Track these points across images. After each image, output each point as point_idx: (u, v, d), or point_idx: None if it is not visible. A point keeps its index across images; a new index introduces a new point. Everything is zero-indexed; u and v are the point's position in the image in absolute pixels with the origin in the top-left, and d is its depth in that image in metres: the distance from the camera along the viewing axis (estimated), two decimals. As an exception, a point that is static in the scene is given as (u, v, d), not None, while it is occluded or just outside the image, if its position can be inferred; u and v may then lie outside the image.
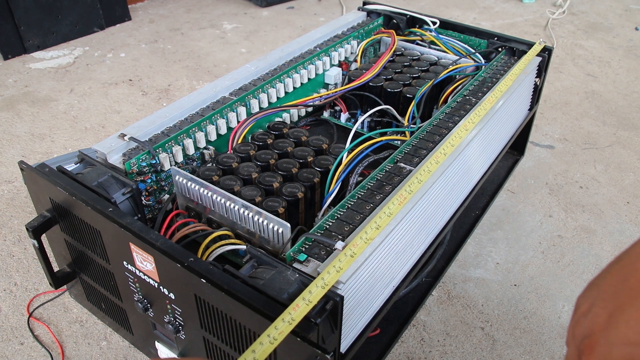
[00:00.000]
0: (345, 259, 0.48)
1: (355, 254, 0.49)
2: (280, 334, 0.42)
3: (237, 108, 0.79)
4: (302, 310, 0.43)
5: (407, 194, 0.58)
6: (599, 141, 1.21)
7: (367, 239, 0.51)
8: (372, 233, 0.52)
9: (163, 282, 0.56)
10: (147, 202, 0.70)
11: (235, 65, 1.48)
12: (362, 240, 0.51)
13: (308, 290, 0.45)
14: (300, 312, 0.43)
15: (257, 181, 0.67)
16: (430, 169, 0.62)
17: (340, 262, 0.48)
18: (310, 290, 0.45)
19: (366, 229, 0.52)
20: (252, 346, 0.41)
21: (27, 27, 1.47)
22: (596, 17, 1.88)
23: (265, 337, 0.42)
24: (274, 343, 0.41)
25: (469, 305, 0.81)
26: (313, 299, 0.44)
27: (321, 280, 0.46)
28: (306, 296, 0.44)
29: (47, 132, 1.18)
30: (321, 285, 0.45)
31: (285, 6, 1.92)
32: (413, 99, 0.85)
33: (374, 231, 0.52)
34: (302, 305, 0.44)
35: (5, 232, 0.91)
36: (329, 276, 0.46)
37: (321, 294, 0.45)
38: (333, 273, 0.47)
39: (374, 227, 0.53)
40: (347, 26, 1.04)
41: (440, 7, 1.95)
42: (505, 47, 0.97)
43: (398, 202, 0.56)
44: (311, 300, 0.44)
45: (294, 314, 0.43)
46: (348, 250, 0.49)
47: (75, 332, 0.76)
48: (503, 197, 1.02)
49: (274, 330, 0.42)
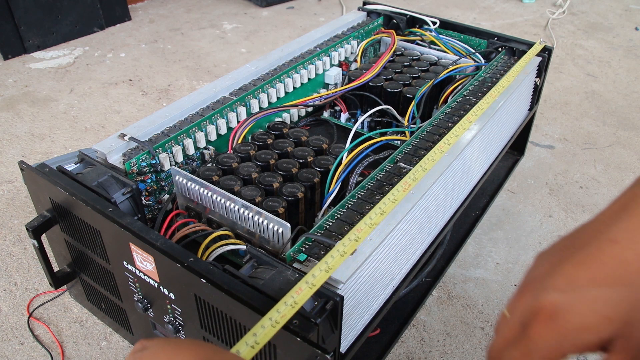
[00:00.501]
0: (349, 243, 0.47)
1: (360, 239, 0.47)
2: (282, 317, 0.40)
3: (237, 108, 0.79)
4: (305, 293, 0.42)
5: (411, 180, 0.57)
6: (599, 141, 1.21)
7: (371, 223, 0.49)
8: (377, 218, 0.50)
9: (163, 282, 0.56)
10: (147, 202, 0.70)
11: (235, 65, 1.48)
12: (366, 225, 0.49)
13: (311, 274, 0.43)
14: (303, 295, 0.42)
15: (257, 181, 0.67)
16: (434, 158, 0.62)
17: (345, 247, 0.46)
18: (313, 274, 0.43)
19: (370, 214, 0.51)
20: (253, 329, 0.40)
21: (27, 27, 1.47)
22: (596, 17, 1.88)
23: (267, 320, 0.40)
24: (276, 326, 0.40)
25: (469, 305, 0.81)
26: (316, 282, 0.43)
27: (324, 264, 0.45)
28: (309, 279, 0.43)
29: (47, 132, 1.18)
30: (325, 269, 0.44)
31: (285, 6, 1.92)
32: (413, 99, 0.85)
33: (379, 216, 0.51)
34: (305, 288, 0.42)
35: (5, 232, 0.91)
36: (332, 260, 0.45)
37: (325, 278, 0.43)
38: (337, 257, 0.46)
39: (378, 212, 0.51)
40: (347, 26, 1.04)
41: (440, 7, 1.95)
42: (505, 47, 0.97)
43: (402, 188, 0.56)
44: (314, 284, 0.42)
45: (296, 297, 0.42)
46: (352, 234, 0.48)
47: (75, 332, 0.76)
48: (503, 197, 1.02)
49: (276, 313, 0.41)
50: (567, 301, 0.27)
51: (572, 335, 0.27)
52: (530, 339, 0.28)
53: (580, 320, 0.27)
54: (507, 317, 0.30)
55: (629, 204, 0.29)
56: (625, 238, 0.27)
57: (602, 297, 0.27)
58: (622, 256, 0.27)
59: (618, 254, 0.27)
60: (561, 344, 0.27)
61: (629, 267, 0.27)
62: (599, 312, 0.27)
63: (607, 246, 0.28)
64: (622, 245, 0.27)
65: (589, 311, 0.27)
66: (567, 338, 0.27)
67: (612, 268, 0.27)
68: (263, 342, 0.39)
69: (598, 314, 0.27)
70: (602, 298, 0.27)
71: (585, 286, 0.27)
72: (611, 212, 0.29)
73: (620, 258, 0.27)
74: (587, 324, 0.27)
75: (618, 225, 0.28)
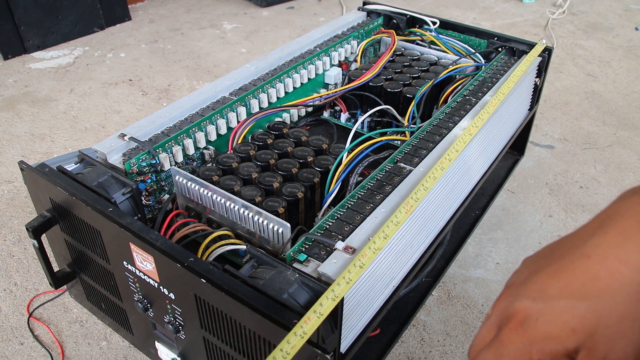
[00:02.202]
0: (355, 270, 0.49)
1: (364, 265, 0.50)
2: (292, 347, 0.43)
3: (237, 108, 0.79)
4: (313, 323, 0.44)
5: (413, 202, 0.58)
6: (599, 141, 1.21)
7: (375, 248, 0.52)
8: (380, 243, 0.52)
9: (163, 282, 0.56)
10: (147, 202, 0.70)
11: (235, 65, 1.48)
12: (370, 251, 0.51)
13: (319, 303, 0.46)
14: (312, 324, 0.44)
15: (257, 181, 0.67)
16: (436, 176, 0.62)
17: (350, 274, 0.49)
18: (321, 303, 0.46)
19: (374, 239, 0.53)
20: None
21: (27, 27, 1.47)
22: (596, 17, 1.88)
23: (278, 352, 0.42)
24: (287, 357, 0.42)
25: (469, 305, 0.81)
26: (324, 312, 0.45)
27: (332, 293, 0.47)
28: (317, 309, 0.45)
29: (47, 132, 1.18)
30: (332, 297, 0.46)
31: (285, 6, 1.92)
32: (413, 99, 0.85)
33: (382, 240, 0.53)
34: (314, 318, 0.44)
35: (5, 232, 0.91)
36: (339, 288, 0.47)
37: (332, 306, 0.46)
38: (343, 285, 0.48)
39: (382, 237, 0.53)
40: (347, 26, 1.04)
41: (440, 7, 1.95)
42: (505, 47, 0.97)
43: (405, 211, 0.56)
44: (322, 313, 0.45)
45: (305, 327, 0.44)
46: (357, 261, 0.50)
47: (75, 332, 0.76)
48: (503, 197, 1.02)
49: (287, 344, 0.43)
50: (537, 310, 0.28)
51: (539, 343, 0.28)
52: (501, 342, 0.29)
53: (547, 329, 0.28)
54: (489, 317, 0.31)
55: (606, 221, 0.29)
56: (598, 254, 0.28)
57: (569, 309, 0.28)
58: (593, 271, 0.28)
59: (589, 269, 0.28)
60: (529, 350, 0.28)
61: (598, 282, 0.28)
62: (565, 323, 0.28)
63: (580, 260, 0.29)
64: (594, 260, 0.28)
65: (556, 321, 0.28)
66: (535, 345, 0.28)
67: (582, 282, 0.28)
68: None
69: (564, 325, 0.28)
70: (570, 310, 0.28)
71: (555, 297, 0.28)
72: (590, 227, 0.30)
73: (591, 273, 0.28)
74: (553, 333, 0.28)
75: (593, 241, 0.29)
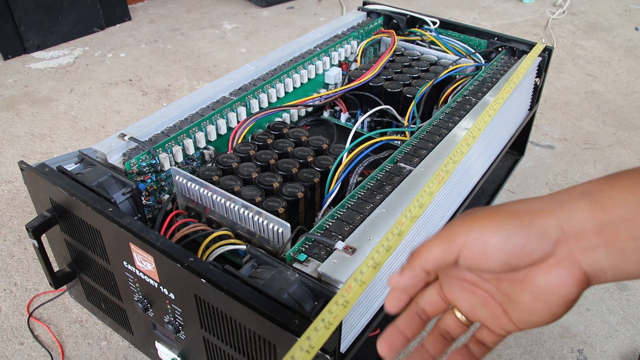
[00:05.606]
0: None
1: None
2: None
3: (237, 108, 0.79)
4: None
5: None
6: (599, 141, 1.21)
7: (375, 264, 0.49)
8: (382, 256, 0.50)
9: (163, 282, 0.56)
10: (147, 202, 0.70)
11: (235, 65, 1.48)
12: (368, 268, 0.49)
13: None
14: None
15: (257, 181, 0.67)
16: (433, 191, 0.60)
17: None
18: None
19: (372, 254, 0.49)
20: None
21: (27, 27, 1.47)
22: (596, 17, 1.88)
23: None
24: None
25: (469, 305, 0.81)
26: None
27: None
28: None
29: (47, 132, 1.18)
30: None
31: (285, 6, 1.92)
32: (413, 99, 0.85)
33: (383, 254, 0.50)
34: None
35: (5, 232, 0.91)
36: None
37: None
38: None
39: (382, 250, 0.50)
40: (347, 26, 1.04)
41: (440, 7, 1.95)
42: (505, 47, 0.97)
43: (407, 220, 0.55)
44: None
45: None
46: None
47: (75, 332, 0.76)
48: (503, 197, 1.02)
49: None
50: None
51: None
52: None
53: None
54: None
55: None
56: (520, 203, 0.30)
57: None
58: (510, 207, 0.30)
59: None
60: None
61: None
62: None
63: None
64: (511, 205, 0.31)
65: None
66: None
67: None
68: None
69: None
70: None
71: None
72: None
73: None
74: None
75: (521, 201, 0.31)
